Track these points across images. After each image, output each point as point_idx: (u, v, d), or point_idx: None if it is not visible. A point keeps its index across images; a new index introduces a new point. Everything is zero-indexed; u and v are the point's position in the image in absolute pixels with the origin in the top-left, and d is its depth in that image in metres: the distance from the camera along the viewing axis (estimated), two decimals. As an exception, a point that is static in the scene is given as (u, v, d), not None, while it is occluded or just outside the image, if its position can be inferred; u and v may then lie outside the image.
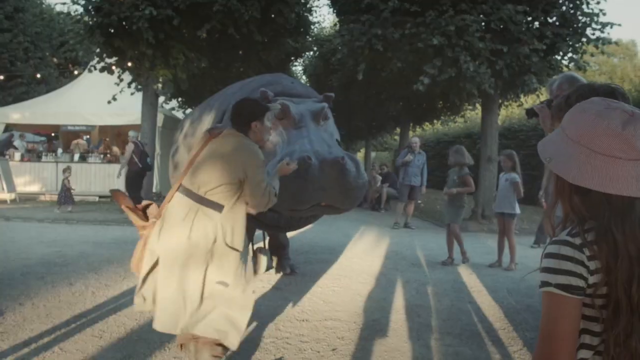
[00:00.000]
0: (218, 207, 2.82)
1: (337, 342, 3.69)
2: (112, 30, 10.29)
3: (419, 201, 12.41)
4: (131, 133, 10.84)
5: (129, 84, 11.42)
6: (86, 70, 15.12)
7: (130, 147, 10.51)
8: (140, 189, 10.70)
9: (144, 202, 3.22)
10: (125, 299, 4.52)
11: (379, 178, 13.73)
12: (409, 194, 10.26)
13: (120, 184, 11.10)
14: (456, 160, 6.74)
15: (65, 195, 10.96)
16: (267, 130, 3.13)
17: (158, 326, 2.87)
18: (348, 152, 3.91)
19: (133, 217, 3.10)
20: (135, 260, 3.02)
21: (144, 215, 3.10)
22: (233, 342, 2.86)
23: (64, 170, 11.35)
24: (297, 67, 20.69)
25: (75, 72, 20.15)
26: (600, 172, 1.14)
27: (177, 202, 2.91)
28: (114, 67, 11.36)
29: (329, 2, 12.90)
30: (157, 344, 3.47)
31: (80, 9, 10.74)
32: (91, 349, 3.38)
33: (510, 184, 6.55)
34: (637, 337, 1.12)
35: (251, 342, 3.60)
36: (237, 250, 2.85)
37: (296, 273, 5.69)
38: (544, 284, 1.19)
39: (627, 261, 1.12)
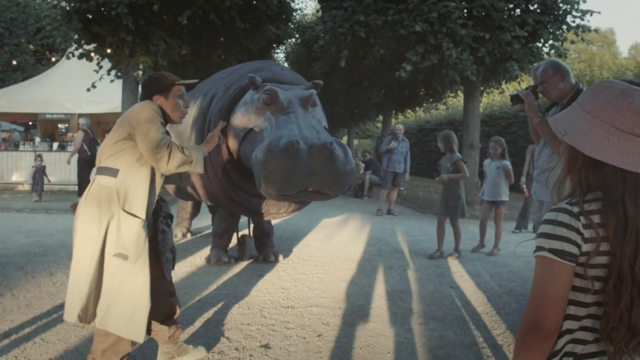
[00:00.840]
0: (112, 172, 2.63)
1: (323, 328, 3.70)
2: (91, 16, 10.07)
3: (402, 188, 12.47)
4: (82, 121, 11.13)
5: (109, 71, 11.22)
6: (64, 57, 14.82)
7: (80, 135, 10.79)
8: (89, 176, 10.89)
9: None
10: (107, 288, 4.47)
11: (362, 165, 13.74)
12: (393, 181, 10.28)
13: (73, 171, 11.60)
14: (446, 145, 6.41)
15: (36, 183, 10.82)
16: (175, 107, 2.88)
17: (67, 317, 2.65)
18: (336, 138, 3.90)
19: None
20: None
21: None
22: (139, 334, 2.60)
23: (35, 158, 11.25)
24: (279, 54, 20.59)
25: (53, 59, 19.74)
26: (617, 147, 1.16)
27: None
28: (92, 54, 11.14)
29: (311, -12, 12.81)
30: (141, 332, 3.44)
31: (57, -6, 10.50)
32: (73, 339, 3.34)
33: (503, 171, 6.57)
34: (636, 312, 1.14)
35: (236, 329, 3.59)
36: (137, 217, 2.60)
37: (280, 260, 5.69)
38: (539, 248, 1.22)
39: (634, 236, 1.15)
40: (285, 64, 20.50)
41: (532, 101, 3.54)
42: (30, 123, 18.26)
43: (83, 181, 10.71)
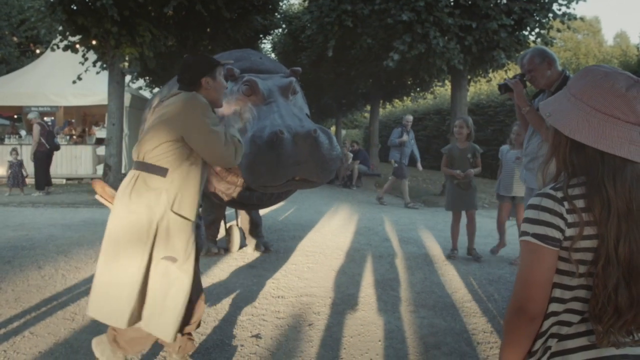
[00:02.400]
0: (160, 171, 2.48)
1: (313, 317, 3.72)
2: (75, 7, 9.92)
3: (390, 177, 12.51)
4: (31, 115, 11.22)
5: (94, 63, 11.09)
6: (48, 49, 14.61)
7: (37, 129, 10.88)
8: (49, 169, 11.25)
9: None
10: (97, 281, 4.45)
11: (350, 155, 13.76)
12: (404, 172, 10.22)
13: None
14: (468, 133, 5.63)
15: (14, 177, 10.69)
16: (221, 87, 2.76)
17: (92, 313, 2.56)
18: (320, 125, 3.89)
19: (111, 207, 2.79)
20: None
21: None
22: (167, 334, 2.54)
23: (11, 152, 11.14)
24: (266, 45, 20.43)
25: (37, 51, 19.46)
26: (597, 129, 1.18)
27: (125, 179, 2.62)
28: (77, 46, 10.99)
29: (297, -22, 12.74)
30: (132, 324, 3.43)
31: (40, -16, 10.32)
32: (63, 332, 3.32)
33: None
34: (622, 292, 1.16)
35: (227, 320, 3.59)
36: (187, 219, 2.53)
37: (270, 251, 5.70)
38: (523, 233, 1.25)
39: (616, 218, 1.16)
40: (272, 55, 20.38)
41: (521, 90, 3.56)
42: (15, 116, 18.02)
43: (41, 174, 10.91)
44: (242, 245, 5.79)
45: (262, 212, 8.32)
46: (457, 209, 5.73)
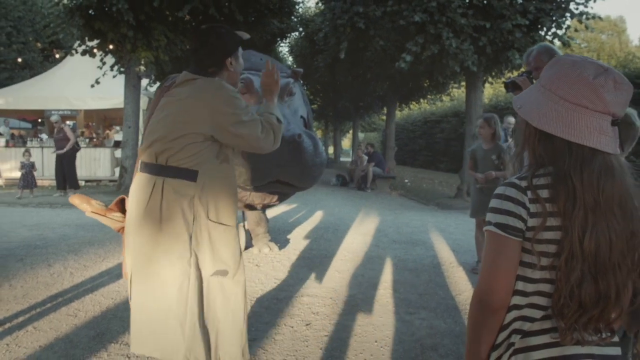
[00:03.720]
0: (189, 175, 2.15)
1: (312, 317, 3.72)
2: (92, 12, 10.14)
3: (406, 180, 12.46)
4: (54, 118, 11.13)
5: (112, 67, 11.30)
6: (69, 55, 14.93)
7: (69, 129, 10.97)
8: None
9: (118, 198, 2.54)
10: (103, 279, 4.53)
11: (365, 157, 13.74)
12: None
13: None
14: (492, 132, 5.18)
15: (24, 179, 10.71)
16: (241, 67, 2.48)
17: (138, 349, 2.26)
18: (307, 130, 3.88)
19: (107, 220, 2.51)
20: (124, 266, 2.46)
21: (122, 212, 2.49)
22: (239, 357, 2.31)
23: (23, 154, 11.21)
24: (283, 48, 20.54)
25: (57, 56, 19.88)
26: (564, 119, 1.17)
27: (137, 185, 2.27)
28: (95, 50, 11.23)
29: (312, -19, 12.79)
30: (131, 321, 3.49)
31: (58, -10, 10.55)
32: (65, 327, 3.39)
33: None
34: (587, 287, 1.13)
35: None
36: (227, 225, 2.25)
37: (276, 251, 5.72)
38: (487, 222, 1.24)
39: (582, 210, 1.13)
40: (290, 58, 20.48)
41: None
42: (39, 120, 18.43)
43: (72, 174, 11.02)
44: (248, 246, 5.83)
45: (273, 213, 8.38)
46: (480, 216, 5.17)
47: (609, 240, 1.13)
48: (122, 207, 2.50)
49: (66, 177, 10.94)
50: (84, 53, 11.27)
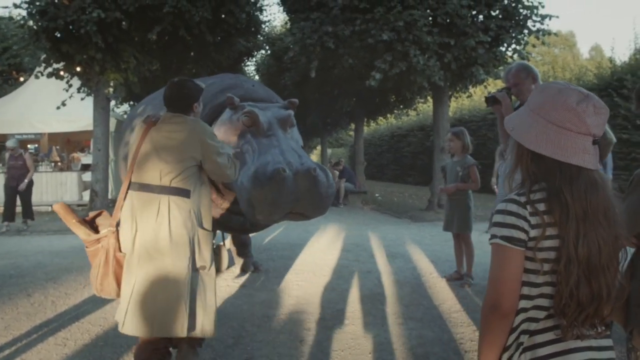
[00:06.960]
0: (185, 193, 2.84)
1: (304, 333, 3.77)
2: (59, 35, 10.01)
3: (377, 194, 12.64)
4: (10, 143, 9.70)
5: (79, 89, 11.13)
6: (32, 77, 14.61)
7: (30, 157, 9.79)
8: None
9: (92, 213, 3.13)
10: (87, 306, 4.46)
11: (337, 173, 13.87)
12: None
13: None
14: (461, 145, 5.20)
15: None
16: (201, 109, 3.23)
17: (131, 329, 2.77)
18: (317, 162, 3.95)
19: (81, 232, 2.96)
20: (99, 279, 2.87)
21: (92, 227, 3.01)
22: (210, 330, 2.94)
23: None
24: (250, 67, 20.57)
25: (21, 79, 19.41)
26: (553, 141, 1.33)
27: (136, 202, 2.85)
28: (62, 72, 11.04)
29: (278, 0, 12.93)
30: (124, 347, 3.46)
31: (24, 13, 10.37)
32: (55, 357, 3.34)
33: None
34: (583, 288, 1.28)
35: (219, 339, 3.63)
36: (208, 230, 2.98)
37: (260, 270, 5.73)
38: (492, 236, 1.38)
39: (574, 221, 1.29)
40: (256, 76, 20.53)
41: (509, 102, 3.68)
42: (2, 144, 17.87)
43: (29, 203, 9.96)
44: (230, 264, 5.83)
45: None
46: (449, 230, 5.32)
47: (598, 246, 1.29)
48: (93, 223, 3.06)
49: (23, 206, 9.99)
50: (49, 75, 11.05)
